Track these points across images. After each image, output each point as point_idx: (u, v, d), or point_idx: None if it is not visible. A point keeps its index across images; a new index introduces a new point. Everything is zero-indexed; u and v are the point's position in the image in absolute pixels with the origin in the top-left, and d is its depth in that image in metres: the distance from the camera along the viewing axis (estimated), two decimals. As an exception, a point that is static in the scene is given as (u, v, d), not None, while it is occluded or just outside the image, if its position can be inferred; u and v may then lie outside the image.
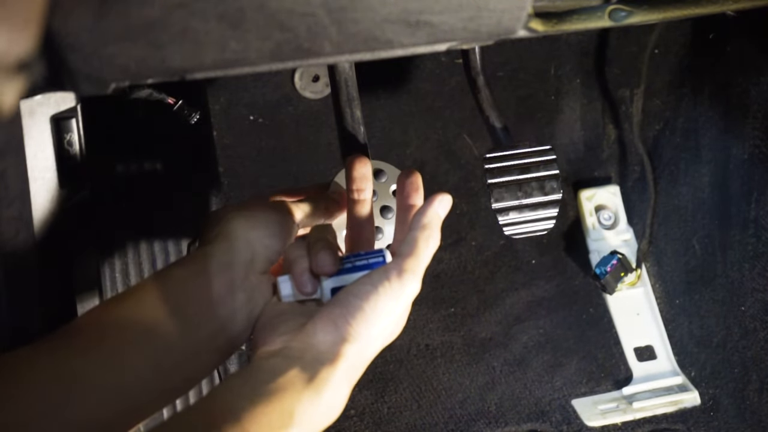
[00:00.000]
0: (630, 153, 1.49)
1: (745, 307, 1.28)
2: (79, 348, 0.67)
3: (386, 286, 0.69)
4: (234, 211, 0.76)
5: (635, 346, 1.40)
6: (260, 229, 0.74)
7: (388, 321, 0.70)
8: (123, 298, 0.71)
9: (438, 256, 1.46)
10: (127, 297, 0.71)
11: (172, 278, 0.72)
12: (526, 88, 1.51)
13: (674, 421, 1.34)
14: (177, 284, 0.72)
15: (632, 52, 1.48)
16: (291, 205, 0.79)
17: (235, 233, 0.74)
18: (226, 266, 0.72)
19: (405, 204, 0.80)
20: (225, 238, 0.73)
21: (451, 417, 1.34)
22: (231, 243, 0.73)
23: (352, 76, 0.92)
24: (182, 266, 0.73)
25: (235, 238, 0.73)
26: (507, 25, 0.66)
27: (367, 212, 0.81)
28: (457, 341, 1.39)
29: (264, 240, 0.74)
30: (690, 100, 1.41)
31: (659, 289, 1.42)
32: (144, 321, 0.69)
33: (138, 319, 0.69)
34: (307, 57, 0.65)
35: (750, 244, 1.27)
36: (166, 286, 0.71)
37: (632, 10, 0.80)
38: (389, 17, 0.63)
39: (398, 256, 0.71)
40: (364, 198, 0.81)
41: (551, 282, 1.45)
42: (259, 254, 0.74)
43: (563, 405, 1.35)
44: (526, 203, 0.96)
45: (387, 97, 1.49)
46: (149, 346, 0.69)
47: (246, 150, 1.45)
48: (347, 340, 0.68)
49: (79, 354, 0.66)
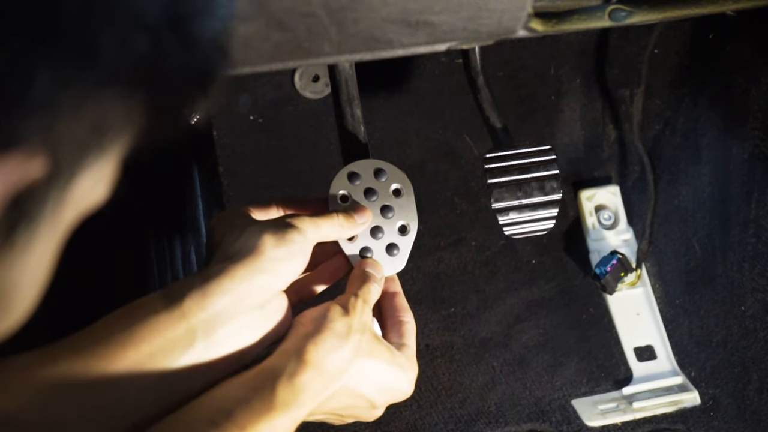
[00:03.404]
0: (630, 153, 1.49)
1: (745, 307, 1.28)
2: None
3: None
4: (260, 229, 0.74)
5: (635, 346, 1.40)
6: (289, 252, 0.73)
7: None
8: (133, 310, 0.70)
9: (438, 256, 1.46)
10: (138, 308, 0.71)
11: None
12: (526, 88, 1.51)
13: (674, 421, 1.34)
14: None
15: (632, 52, 1.48)
16: (308, 222, 0.77)
17: (262, 254, 0.72)
18: (250, 287, 0.71)
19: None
20: (251, 258, 0.72)
21: (451, 417, 1.34)
22: (258, 265, 0.71)
23: (352, 76, 0.91)
24: (204, 283, 0.71)
25: (264, 260, 0.72)
26: (507, 25, 0.66)
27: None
28: (457, 341, 1.39)
29: (294, 266, 0.74)
30: (690, 100, 1.41)
31: (659, 289, 1.42)
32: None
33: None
34: (307, 57, 0.65)
35: (750, 244, 1.27)
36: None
37: (632, 10, 0.80)
38: (389, 17, 0.63)
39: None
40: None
41: (551, 282, 1.45)
42: (286, 279, 0.74)
43: (563, 405, 1.35)
44: (526, 203, 0.96)
45: (387, 97, 1.49)
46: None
47: (246, 150, 1.45)
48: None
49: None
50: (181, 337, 0.68)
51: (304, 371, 0.69)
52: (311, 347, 0.71)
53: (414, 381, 0.79)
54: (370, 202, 0.85)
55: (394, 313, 0.82)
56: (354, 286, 0.79)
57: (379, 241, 0.84)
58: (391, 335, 0.81)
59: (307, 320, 0.74)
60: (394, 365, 0.77)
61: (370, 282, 0.79)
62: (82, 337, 0.68)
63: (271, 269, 0.72)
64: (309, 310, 0.75)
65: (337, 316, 0.73)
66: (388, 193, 0.86)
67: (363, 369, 0.74)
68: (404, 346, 0.79)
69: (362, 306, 0.76)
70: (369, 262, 0.82)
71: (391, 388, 0.78)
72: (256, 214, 0.80)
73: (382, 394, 0.77)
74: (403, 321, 0.81)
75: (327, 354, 0.71)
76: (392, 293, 0.83)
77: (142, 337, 0.67)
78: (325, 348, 0.71)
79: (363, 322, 0.75)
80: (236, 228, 0.75)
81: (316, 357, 0.70)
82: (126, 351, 0.66)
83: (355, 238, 0.83)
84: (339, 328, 0.72)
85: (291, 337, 0.73)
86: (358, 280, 0.79)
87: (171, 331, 0.68)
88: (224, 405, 0.66)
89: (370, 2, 0.61)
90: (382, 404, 0.79)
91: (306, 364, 0.70)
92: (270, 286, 0.72)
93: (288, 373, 0.69)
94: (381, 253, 0.84)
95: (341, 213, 0.81)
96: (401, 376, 0.78)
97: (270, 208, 0.82)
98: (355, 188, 0.85)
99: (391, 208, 0.85)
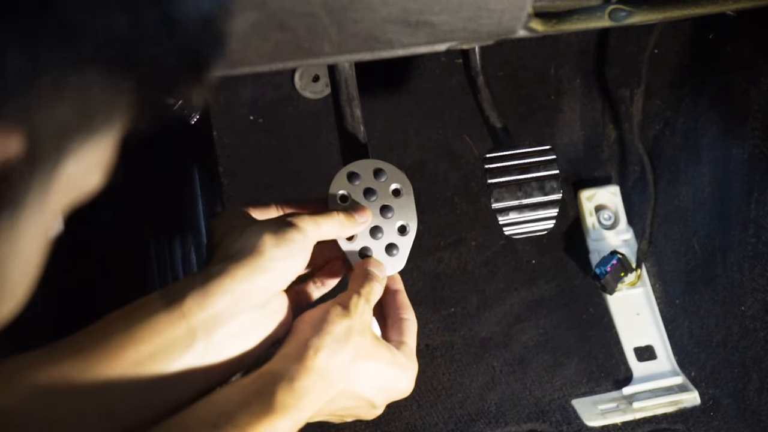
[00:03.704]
0: (630, 153, 1.49)
1: (745, 307, 1.28)
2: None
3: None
4: (260, 228, 0.74)
5: (635, 346, 1.40)
6: (289, 252, 0.73)
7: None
8: (132, 312, 0.70)
9: (438, 256, 1.46)
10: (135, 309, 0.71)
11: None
12: (526, 88, 1.51)
13: (674, 421, 1.34)
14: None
15: (632, 52, 1.48)
16: (308, 221, 0.76)
17: (263, 254, 0.72)
18: (250, 287, 0.71)
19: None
20: (251, 258, 0.71)
21: (451, 417, 1.34)
22: (258, 265, 0.71)
23: (352, 76, 0.92)
24: (205, 283, 0.71)
25: (264, 260, 0.71)
26: (507, 25, 0.66)
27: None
28: (457, 341, 1.39)
29: (295, 265, 0.74)
30: (690, 100, 1.41)
31: (659, 289, 1.42)
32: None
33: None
34: (307, 57, 0.65)
35: (750, 244, 1.27)
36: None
37: (632, 10, 0.80)
38: (389, 17, 0.63)
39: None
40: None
41: (551, 282, 1.45)
42: (286, 279, 0.73)
43: (563, 405, 1.35)
44: (526, 203, 0.96)
45: (387, 97, 1.49)
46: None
47: (246, 150, 1.45)
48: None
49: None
50: (181, 337, 0.68)
51: (305, 376, 0.69)
52: (312, 352, 0.71)
53: (414, 379, 0.79)
54: (370, 202, 0.85)
55: (396, 311, 0.82)
56: (356, 285, 0.78)
57: (379, 241, 0.84)
58: (391, 333, 0.81)
59: (307, 323, 0.74)
60: (394, 365, 0.77)
61: (373, 281, 0.79)
62: (82, 337, 0.67)
63: (271, 269, 0.72)
64: (309, 312, 0.75)
65: (338, 319, 0.73)
66: (387, 193, 0.86)
67: (363, 371, 0.74)
68: (404, 345, 0.79)
69: (363, 305, 0.76)
70: (372, 261, 0.82)
71: (390, 388, 0.78)
72: (255, 214, 0.80)
73: (382, 394, 0.78)
74: (403, 318, 0.81)
75: (328, 358, 0.71)
76: (394, 290, 0.83)
77: (142, 338, 0.67)
78: (325, 352, 0.71)
79: (363, 323, 0.75)
80: (236, 228, 0.74)
81: (316, 362, 0.70)
82: (126, 351, 0.66)
83: (354, 238, 0.83)
84: (339, 331, 0.72)
85: (291, 341, 0.72)
86: (360, 279, 0.79)
87: (171, 331, 0.68)
88: (225, 408, 0.66)
89: (370, 2, 0.61)
90: (382, 404, 0.79)
91: (307, 369, 0.70)
92: (270, 286, 0.72)
93: (289, 377, 0.69)
94: (380, 253, 0.84)
95: (341, 212, 0.81)
96: (401, 375, 0.78)
97: (270, 209, 0.82)
98: (354, 188, 0.85)
99: (391, 208, 0.85)
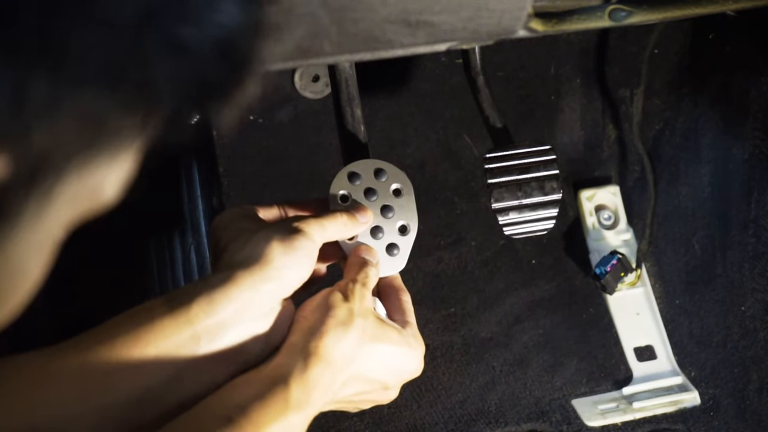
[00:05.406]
0: (630, 153, 1.49)
1: (745, 307, 1.28)
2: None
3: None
4: (268, 235, 0.73)
5: (635, 346, 1.40)
6: (297, 260, 0.73)
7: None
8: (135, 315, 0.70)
9: (438, 256, 1.46)
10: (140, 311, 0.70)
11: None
12: (526, 88, 1.51)
13: (674, 421, 1.34)
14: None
15: (632, 52, 1.48)
16: (315, 225, 0.76)
17: (270, 262, 0.71)
18: (256, 295, 0.71)
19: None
20: (259, 266, 0.71)
21: (451, 417, 1.34)
22: (265, 273, 0.71)
23: (352, 76, 0.91)
24: (211, 290, 0.70)
25: (272, 268, 0.71)
26: (507, 25, 0.66)
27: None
28: (457, 341, 1.39)
29: (301, 273, 0.74)
30: (690, 100, 1.41)
31: (659, 289, 1.42)
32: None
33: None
34: (307, 57, 0.65)
35: (750, 244, 1.27)
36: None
37: (632, 10, 0.80)
38: (389, 17, 0.63)
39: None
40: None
41: (551, 282, 1.45)
42: (292, 286, 0.73)
43: (563, 405, 1.35)
44: (526, 203, 0.96)
45: (387, 97, 1.49)
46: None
47: (246, 150, 1.45)
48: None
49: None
50: (185, 341, 0.68)
51: (314, 364, 0.69)
52: (317, 339, 0.71)
53: (422, 357, 0.80)
54: (371, 202, 0.85)
55: (393, 292, 0.83)
56: (352, 272, 0.79)
57: (380, 241, 0.85)
58: (393, 313, 0.82)
59: (308, 311, 0.74)
60: (403, 344, 0.77)
61: (368, 267, 0.79)
62: (86, 338, 0.68)
63: (278, 277, 0.71)
64: (309, 301, 0.76)
65: (338, 303, 0.73)
66: (388, 193, 0.86)
67: (370, 353, 0.74)
68: (408, 324, 0.80)
69: (361, 290, 0.76)
70: (363, 248, 0.82)
71: (401, 368, 0.78)
72: (260, 214, 0.80)
73: (393, 375, 0.78)
74: (402, 299, 0.82)
75: (333, 344, 0.71)
76: (389, 278, 0.85)
77: (148, 340, 0.67)
78: (330, 337, 0.71)
79: (364, 307, 0.75)
80: (243, 233, 0.74)
81: (323, 349, 0.70)
82: (130, 352, 0.66)
83: (355, 238, 0.84)
84: (341, 316, 0.73)
85: (296, 331, 0.73)
86: (355, 266, 0.79)
87: (176, 335, 0.68)
88: (239, 401, 0.67)
89: (370, 2, 0.61)
90: (395, 385, 0.79)
91: (314, 357, 0.70)
92: (276, 293, 0.72)
93: (299, 368, 0.69)
94: (381, 253, 0.84)
95: (344, 212, 0.81)
96: (410, 353, 0.78)
97: (272, 209, 0.82)
98: (355, 188, 0.85)
99: (391, 208, 0.85)
